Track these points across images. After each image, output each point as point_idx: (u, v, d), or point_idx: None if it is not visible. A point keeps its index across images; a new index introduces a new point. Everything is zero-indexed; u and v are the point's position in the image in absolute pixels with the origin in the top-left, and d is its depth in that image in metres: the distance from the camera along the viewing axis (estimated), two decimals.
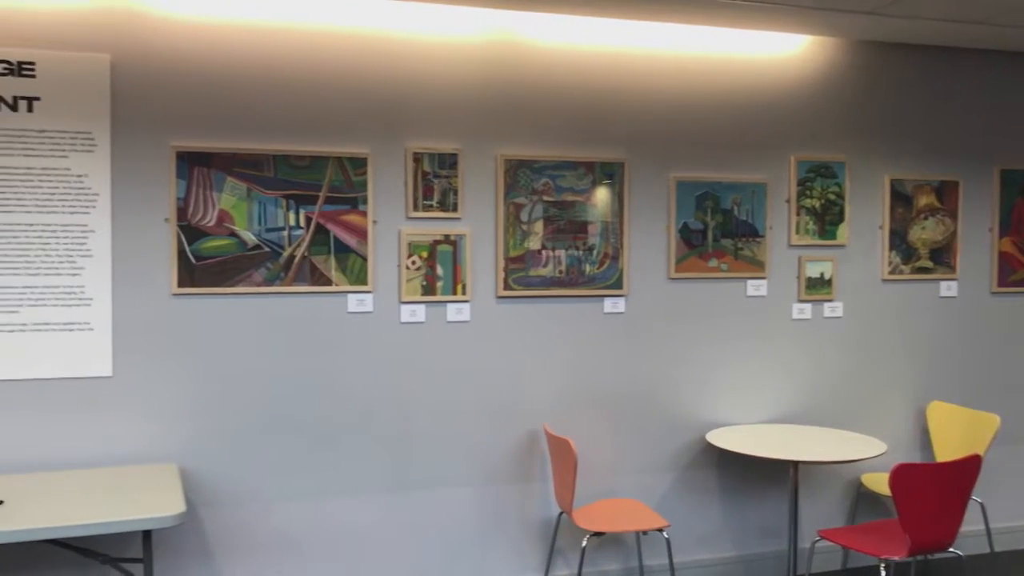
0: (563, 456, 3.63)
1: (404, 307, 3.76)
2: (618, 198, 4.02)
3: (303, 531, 3.67)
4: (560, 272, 3.95)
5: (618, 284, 4.03)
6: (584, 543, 3.92)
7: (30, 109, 3.28)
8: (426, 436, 3.82)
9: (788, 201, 4.28)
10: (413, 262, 3.76)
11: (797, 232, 4.29)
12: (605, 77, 4.00)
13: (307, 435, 3.66)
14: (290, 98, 3.58)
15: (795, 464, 3.88)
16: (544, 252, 3.92)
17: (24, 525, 2.68)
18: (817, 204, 4.31)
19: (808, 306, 4.34)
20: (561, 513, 3.98)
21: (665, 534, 3.68)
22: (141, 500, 2.93)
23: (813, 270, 4.33)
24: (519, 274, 3.89)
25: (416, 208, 3.74)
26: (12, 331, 3.28)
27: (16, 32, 3.26)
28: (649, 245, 4.10)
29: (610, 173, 4.00)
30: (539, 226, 3.91)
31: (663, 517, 4.08)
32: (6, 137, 3.25)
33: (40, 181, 3.30)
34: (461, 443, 3.87)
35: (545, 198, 3.92)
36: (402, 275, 3.74)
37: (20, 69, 3.26)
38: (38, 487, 3.09)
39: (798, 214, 4.28)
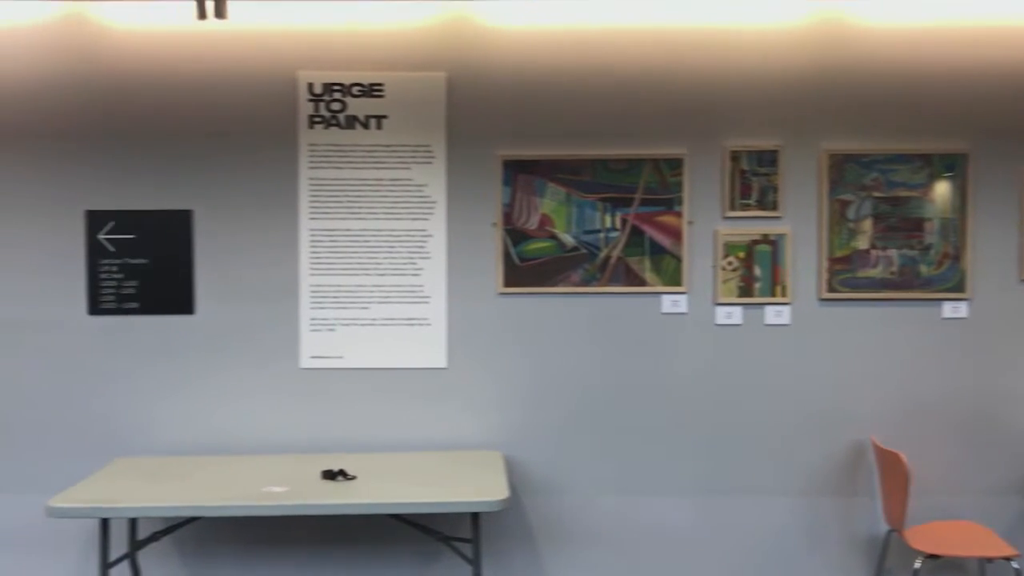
0: (893, 470, 3.37)
1: (719, 309, 3.70)
2: (960, 193, 3.66)
3: (614, 526, 3.75)
4: (892, 273, 3.67)
5: (959, 287, 3.67)
6: (917, 565, 3.61)
7: (379, 127, 3.65)
8: (741, 440, 3.73)
9: None
10: (729, 263, 3.68)
11: None
12: (942, 57, 3.65)
13: (620, 432, 3.73)
14: (606, 103, 3.67)
15: None
16: (873, 252, 3.67)
17: (372, 499, 3.00)
18: None
19: None
20: (890, 531, 3.70)
21: (1015, 564, 3.29)
22: (469, 484, 3.16)
23: None
24: (845, 275, 3.67)
25: (733, 207, 3.67)
26: (364, 325, 3.67)
27: (369, 57, 3.64)
28: (996, 244, 3.69)
29: (950, 165, 3.65)
30: (867, 224, 3.67)
31: (1011, 546, 3.65)
32: (361, 152, 3.64)
33: (387, 191, 3.66)
34: (779, 450, 3.73)
35: (875, 194, 3.66)
36: (717, 276, 3.68)
37: (371, 91, 3.64)
38: (385, 466, 3.43)
39: None
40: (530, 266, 3.67)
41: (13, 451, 3.65)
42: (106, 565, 3.12)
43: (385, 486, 3.14)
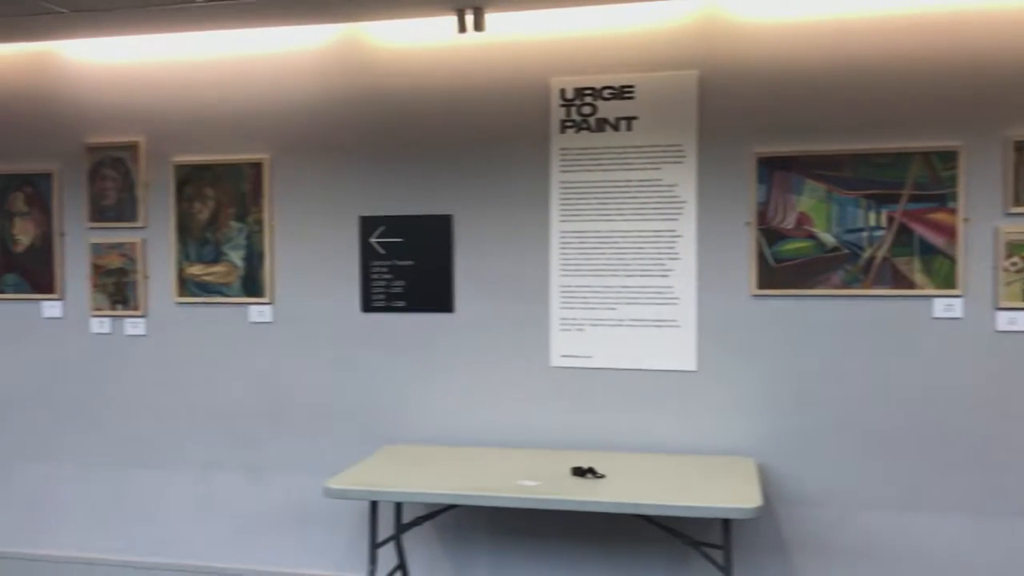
0: None
1: (1001, 314, 3.38)
2: None
3: (876, 543, 3.52)
4: None
5: None
6: None
7: (629, 128, 3.67)
8: None
9: None
10: (1013, 263, 3.35)
11: None
12: None
13: (885, 443, 3.50)
14: (869, 94, 3.46)
15: None
16: None
17: (619, 498, 3.02)
18: None
19: None
20: None
21: None
22: (720, 490, 3.09)
23: None
24: None
25: (1017, 203, 3.34)
26: (612, 325, 3.70)
27: (620, 59, 3.67)
28: None
29: None
30: None
31: None
32: (611, 154, 3.68)
33: (636, 192, 3.67)
34: None
35: None
36: (999, 278, 3.37)
37: (622, 93, 3.67)
38: (633, 466, 3.44)
39: None
40: (786, 267, 3.54)
41: (298, 435, 4.03)
42: (375, 545, 3.36)
43: (634, 486, 3.15)
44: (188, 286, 4.07)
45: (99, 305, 4.17)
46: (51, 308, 4.23)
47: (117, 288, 4.14)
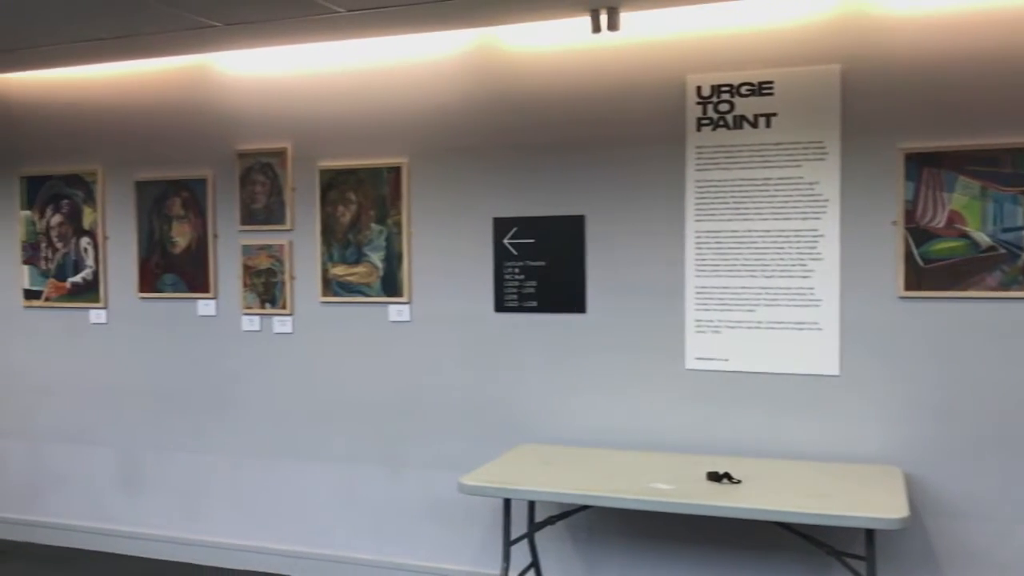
0: None
1: None
2: None
3: None
4: None
5: None
6: None
7: (768, 125, 3.58)
8: None
9: None
10: None
11: None
12: None
13: None
14: None
15: None
16: None
17: (756, 505, 2.95)
18: None
19: None
20: None
21: None
22: (864, 499, 2.98)
23: None
24: None
25: None
26: (750, 328, 3.62)
27: (758, 55, 3.59)
28: None
29: None
30: None
31: None
32: (748, 152, 3.60)
33: (775, 190, 3.57)
34: None
35: None
36: None
37: (760, 89, 3.58)
38: (770, 472, 3.35)
39: None
40: (936, 268, 3.37)
41: (434, 431, 4.12)
42: (508, 542, 3.40)
43: (772, 493, 3.07)
44: (332, 286, 4.23)
45: (249, 304, 4.38)
46: (205, 307, 4.48)
47: (266, 288, 4.34)
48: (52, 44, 4.14)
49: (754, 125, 3.59)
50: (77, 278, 4.72)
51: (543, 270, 3.91)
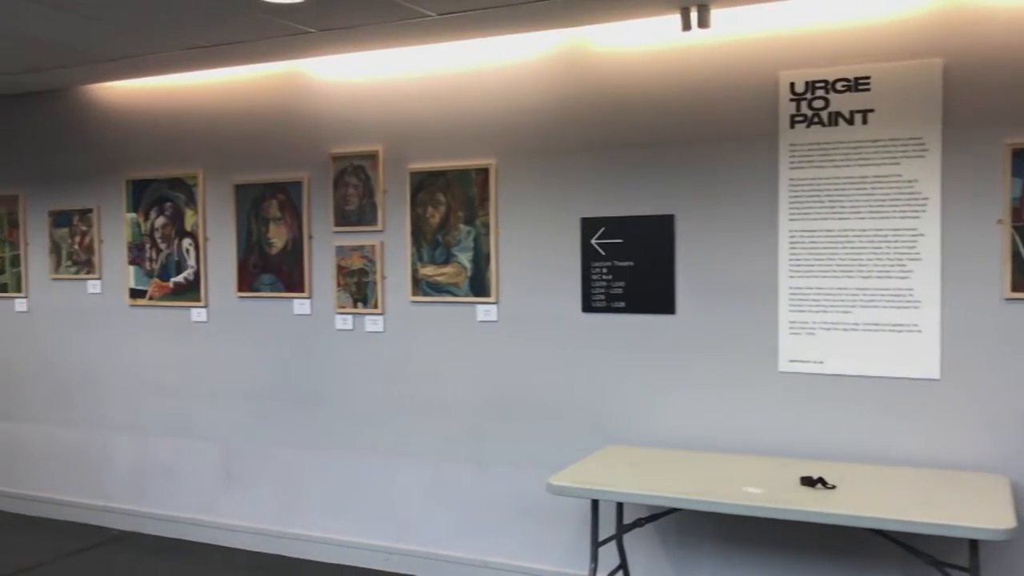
0: None
1: None
2: None
3: None
4: None
5: None
6: None
7: (864, 121, 3.48)
8: None
9: None
10: None
11: None
12: None
13: None
14: None
15: None
16: None
17: (855, 511, 2.88)
18: None
19: None
20: None
21: None
22: (967, 507, 2.88)
23: None
24: None
25: None
26: (846, 330, 3.53)
27: (854, 50, 3.49)
28: None
29: None
30: None
31: None
32: (845, 149, 3.51)
33: (872, 188, 3.48)
34: None
35: None
36: None
37: (856, 85, 3.49)
38: (866, 478, 3.27)
39: None
40: None
41: (522, 431, 4.15)
42: (596, 543, 3.40)
43: (869, 499, 2.99)
44: (421, 286, 4.29)
45: (343, 303, 4.49)
46: (301, 306, 4.60)
47: (358, 287, 4.44)
48: (154, 53, 4.32)
49: (850, 122, 3.50)
50: (179, 278, 4.91)
51: (631, 270, 3.89)
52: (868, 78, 3.47)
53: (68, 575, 4.52)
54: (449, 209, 4.22)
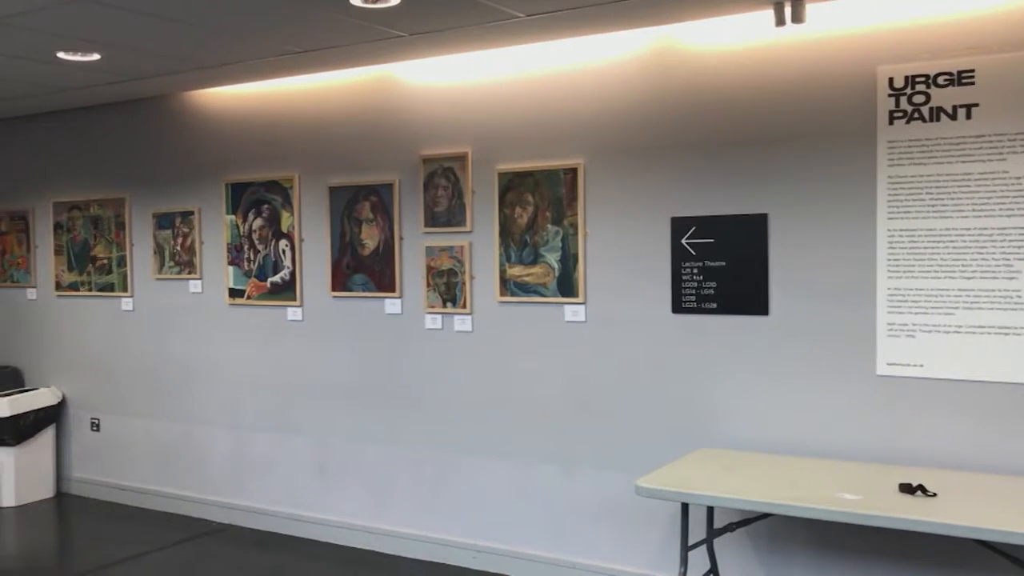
0: None
1: None
2: None
3: None
4: None
5: None
6: None
7: (968, 116, 3.36)
8: None
9: None
10: None
11: None
12: None
13: None
14: None
15: None
16: None
17: (954, 520, 2.77)
18: None
19: None
20: None
21: None
22: None
23: None
24: None
25: None
26: (947, 332, 3.41)
27: (957, 43, 3.37)
28: None
29: None
30: None
31: None
32: (946, 145, 3.39)
33: (976, 186, 3.35)
34: None
35: None
36: None
37: (960, 79, 3.36)
38: (968, 486, 3.15)
39: None
40: None
41: (610, 432, 4.13)
42: (686, 547, 3.36)
43: (972, 508, 2.88)
44: (509, 286, 4.32)
45: (432, 303, 4.54)
46: (392, 305, 4.68)
47: (447, 288, 4.49)
48: (250, 59, 4.45)
49: (952, 117, 3.38)
50: (276, 278, 5.05)
51: (723, 270, 3.83)
52: (972, 71, 3.34)
53: (171, 566, 4.70)
54: (537, 209, 4.23)
